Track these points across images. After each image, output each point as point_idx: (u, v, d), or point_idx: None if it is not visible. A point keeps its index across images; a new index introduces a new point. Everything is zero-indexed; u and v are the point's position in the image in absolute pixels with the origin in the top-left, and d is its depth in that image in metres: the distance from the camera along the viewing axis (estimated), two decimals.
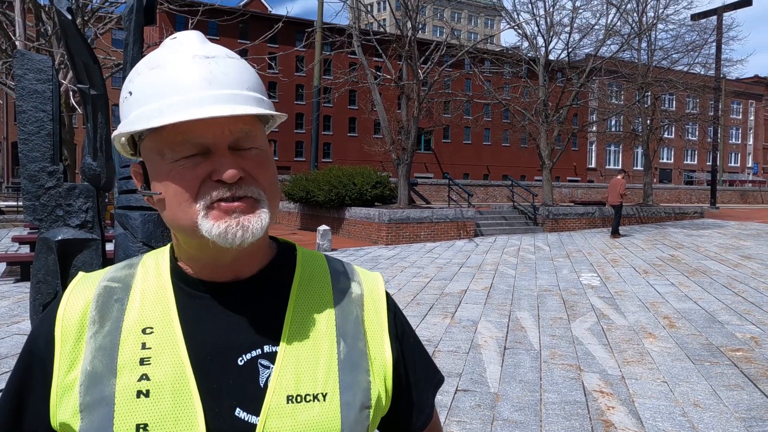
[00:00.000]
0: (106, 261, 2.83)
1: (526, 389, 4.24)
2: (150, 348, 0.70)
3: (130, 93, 0.70)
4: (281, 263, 0.79)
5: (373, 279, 0.85)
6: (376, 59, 20.89)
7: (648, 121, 22.54)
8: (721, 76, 23.88)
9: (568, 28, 19.49)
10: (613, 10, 19.73)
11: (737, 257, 11.40)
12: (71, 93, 10.15)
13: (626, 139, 27.33)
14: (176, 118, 0.64)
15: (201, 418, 0.67)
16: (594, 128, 29.15)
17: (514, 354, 5.10)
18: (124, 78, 2.73)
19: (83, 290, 0.75)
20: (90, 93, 2.79)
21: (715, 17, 23.37)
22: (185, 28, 15.62)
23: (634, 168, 63.92)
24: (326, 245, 12.23)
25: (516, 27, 19.24)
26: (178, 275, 0.76)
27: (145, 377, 0.68)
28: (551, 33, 19.31)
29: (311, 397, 0.70)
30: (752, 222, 19.63)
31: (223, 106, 0.65)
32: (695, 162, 71.70)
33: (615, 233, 15.51)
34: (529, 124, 20.44)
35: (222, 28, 48.69)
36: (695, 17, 23.53)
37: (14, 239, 9.95)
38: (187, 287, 0.74)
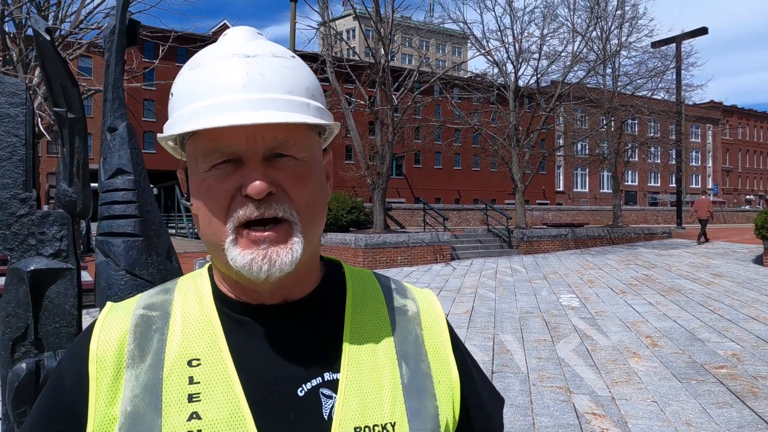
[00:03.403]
0: (81, 291, 2.69)
1: (518, 413, 4.16)
2: (199, 382, 0.62)
3: (172, 94, 0.65)
4: (332, 282, 0.72)
5: (427, 295, 0.78)
6: (348, 86, 21.05)
7: (615, 145, 23.15)
8: (682, 100, 24.75)
9: (536, 55, 20.03)
10: (579, 38, 20.38)
11: (709, 275, 11.63)
12: (38, 119, 9.91)
13: (593, 162, 28.02)
14: (199, 125, 0.59)
15: None
16: (562, 152, 29.81)
17: (502, 377, 5.02)
18: (105, 101, 2.63)
19: (116, 321, 0.66)
20: (67, 116, 2.68)
21: (674, 45, 24.32)
22: (155, 55, 15.49)
23: (601, 191, 65.42)
24: None
25: (486, 54, 19.66)
26: (220, 299, 0.68)
27: (195, 416, 0.60)
28: (520, 59, 19.80)
29: (380, 428, 0.64)
30: (718, 241, 20.17)
31: (253, 112, 0.59)
32: (659, 184, 73.84)
33: (703, 238, 19.54)
34: (501, 148, 20.76)
35: (192, 55, 48.57)
36: (655, 45, 24.45)
37: None
38: (232, 312, 0.67)
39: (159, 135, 0.66)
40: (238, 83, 0.60)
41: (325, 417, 0.63)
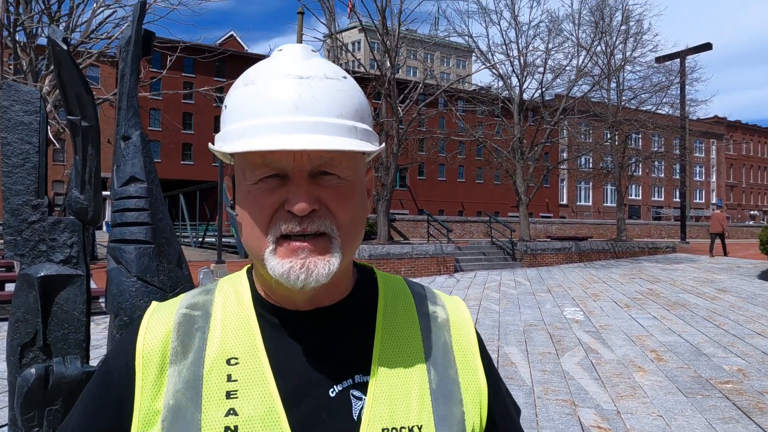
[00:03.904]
0: (90, 298, 2.71)
1: (523, 426, 4.12)
2: (236, 380, 0.65)
3: (225, 106, 0.68)
4: (364, 288, 0.76)
5: (457, 303, 0.80)
6: None
7: (619, 159, 23.16)
8: (686, 115, 24.79)
9: (541, 69, 20.13)
10: (583, 53, 20.49)
11: (713, 290, 11.58)
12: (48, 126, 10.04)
13: (597, 176, 28.02)
14: (249, 146, 0.61)
15: None
16: (566, 165, 29.84)
17: None
18: (119, 110, 2.66)
19: (161, 319, 0.70)
20: (81, 124, 2.72)
21: (678, 60, 24.41)
22: (162, 65, 15.65)
23: (605, 204, 65.33)
24: None
25: (491, 67, 19.77)
26: (259, 302, 0.71)
27: (232, 412, 0.63)
28: (525, 73, 19.88)
29: (407, 430, 0.66)
30: (721, 256, 20.09)
31: (302, 136, 0.61)
32: (662, 198, 73.72)
33: (720, 251, 20.16)
34: (505, 161, 20.80)
35: (198, 66, 48.98)
36: (660, 60, 24.53)
37: None
38: (269, 315, 0.70)
39: (210, 146, 0.69)
40: (289, 105, 0.62)
41: (355, 417, 0.65)
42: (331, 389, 0.67)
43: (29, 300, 2.63)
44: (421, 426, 0.66)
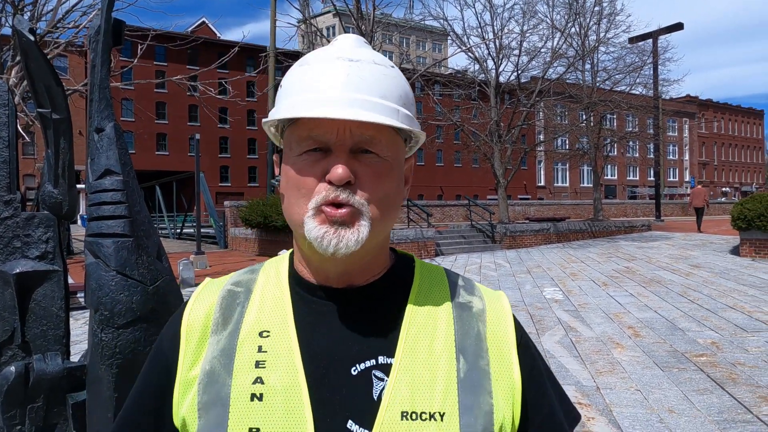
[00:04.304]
0: (69, 293, 2.67)
1: None
2: (266, 351, 0.70)
3: (281, 86, 0.74)
4: (398, 273, 0.77)
5: (497, 295, 0.79)
6: None
7: (595, 140, 23.43)
8: (659, 95, 25.13)
9: (516, 51, 20.18)
10: (558, 34, 20.58)
11: (687, 267, 11.86)
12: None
13: (573, 157, 28.32)
14: (299, 114, 0.67)
15: (311, 429, 0.65)
16: (543, 147, 30.10)
17: None
18: (91, 101, 2.61)
19: (208, 294, 0.77)
20: (52, 117, 2.66)
21: (650, 41, 24.67)
22: (133, 53, 15.29)
23: (582, 185, 66.20)
24: None
25: (467, 50, 19.75)
26: (295, 279, 0.76)
27: (259, 380, 0.68)
28: (500, 56, 19.92)
29: (427, 416, 0.66)
30: (695, 233, 20.55)
31: (347, 109, 0.66)
32: (637, 177, 74.91)
33: (699, 229, 20.38)
34: (483, 144, 20.89)
35: (170, 54, 48.02)
36: (633, 40, 24.77)
37: None
38: (303, 292, 0.74)
39: (263, 119, 0.74)
40: (338, 82, 0.67)
41: (375, 398, 0.67)
42: (354, 367, 0.69)
43: (5, 297, 2.58)
44: (444, 413, 0.66)
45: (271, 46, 19.67)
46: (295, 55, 18.68)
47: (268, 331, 0.71)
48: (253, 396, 0.66)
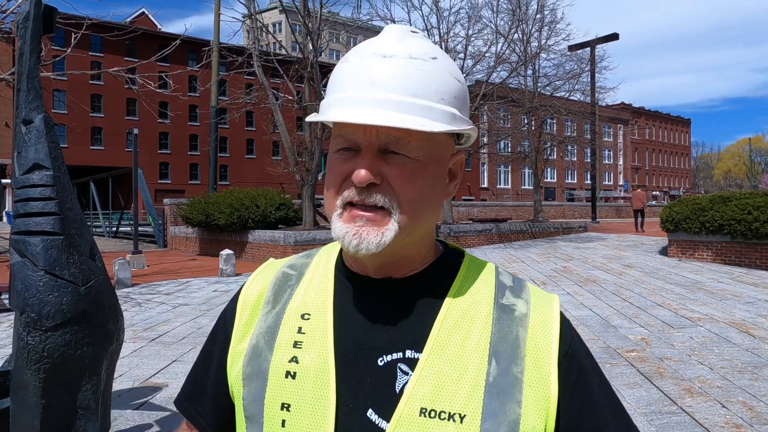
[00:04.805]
0: None
1: None
2: (304, 333, 0.73)
3: (328, 82, 0.74)
4: (442, 267, 0.76)
5: (546, 299, 0.74)
6: (274, 80, 20.71)
7: (535, 143, 24.18)
8: (596, 102, 26.20)
9: (461, 55, 20.53)
10: (502, 40, 21.09)
11: (620, 266, 12.43)
12: None
13: (515, 160, 29.12)
14: (322, 117, 0.68)
15: (332, 412, 0.67)
16: (486, 150, 30.81)
17: None
18: (19, 91, 2.47)
19: (266, 274, 0.82)
20: None
21: (588, 49, 25.69)
22: (66, 43, 14.56)
23: (523, 187, 68.13)
24: (230, 270, 11.77)
25: None
26: (340, 267, 0.78)
27: (294, 360, 0.71)
28: None
29: (446, 416, 0.65)
30: (628, 234, 21.55)
31: (369, 110, 0.65)
32: (575, 181, 77.84)
33: (641, 228, 21.84)
34: None
35: (107, 44, 46.03)
36: (572, 48, 25.70)
37: None
38: (345, 279, 0.76)
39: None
40: (367, 81, 0.66)
41: (397, 390, 0.67)
42: (380, 358, 0.69)
43: None
44: (464, 415, 0.65)
45: (214, 41, 19.20)
46: (240, 51, 18.30)
47: (309, 314, 0.74)
48: (287, 373, 0.70)
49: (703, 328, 6.56)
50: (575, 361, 0.71)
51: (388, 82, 0.65)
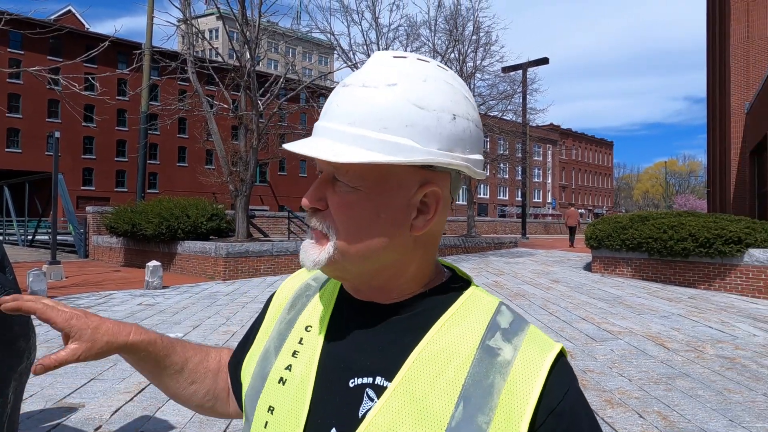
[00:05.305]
0: None
1: None
2: (303, 344, 0.76)
3: None
4: (435, 298, 0.72)
5: (540, 347, 0.67)
6: (209, 87, 20.23)
7: None
8: (527, 122, 27.28)
9: None
10: (439, 58, 21.58)
11: (548, 281, 12.89)
12: None
13: None
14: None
15: (302, 423, 0.69)
16: None
17: None
18: None
19: (295, 280, 0.88)
20: None
21: (521, 71, 26.77)
22: None
23: (457, 203, 69.67)
24: (157, 282, 11.27)
25: (352, 66, 20.04)
26: (343, 285, 0.80)
27: (289, 368, 0.74)
28: None
29: None
30: (555, 250, 22.46)
31: (313, 139, 0.68)
32: (507, 197, 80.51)
33: (571, 245, 23.42)
34: None
35: (28, 42, 43.50)
36: (505, 70, 26.71)
37: None
38: (342, 296, 0.79)
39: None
40: (324, 110, 0.70)
41: (359, 416, 0.67)
42: (352, 380, 0.70)
43: None
44: None
45: (146, 44, 18.53)
46: (174, 56, 17.76)
47: (311, 327, 0.77)
48: (280, 379, 0.74)
49: (623, 341, 6.88)
50: (564, 421, 0.63)
51: (334, 112, 0.67)
